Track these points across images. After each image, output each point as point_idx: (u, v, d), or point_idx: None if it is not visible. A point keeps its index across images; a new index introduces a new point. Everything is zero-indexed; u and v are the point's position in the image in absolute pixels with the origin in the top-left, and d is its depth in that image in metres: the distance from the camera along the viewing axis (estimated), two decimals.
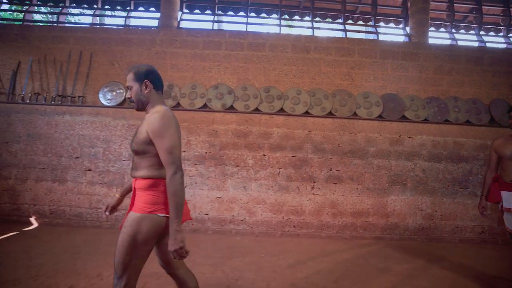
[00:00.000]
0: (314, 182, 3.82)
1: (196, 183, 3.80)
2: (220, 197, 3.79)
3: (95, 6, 4.58)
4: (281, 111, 3.86)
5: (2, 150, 3.92)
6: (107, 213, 1.76)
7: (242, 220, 3.79)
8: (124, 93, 3.89)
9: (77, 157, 3.87)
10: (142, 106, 1.53)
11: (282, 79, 3.96)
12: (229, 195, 3.79)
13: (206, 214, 3.79)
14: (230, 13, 4.82)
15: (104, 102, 3.90)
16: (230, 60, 3.95)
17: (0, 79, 3.98)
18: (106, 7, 4.68)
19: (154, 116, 1.41)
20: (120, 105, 3.89)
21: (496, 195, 2.38)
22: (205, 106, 3.86)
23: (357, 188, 3.85)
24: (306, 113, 3.85)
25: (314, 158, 3.83)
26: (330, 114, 3.87)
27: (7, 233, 3.47)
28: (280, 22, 4.53)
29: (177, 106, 3.85)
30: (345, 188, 3.84)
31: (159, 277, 2.39)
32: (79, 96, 3.87)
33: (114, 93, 3.92)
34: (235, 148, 3.81)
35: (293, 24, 4.78)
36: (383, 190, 3.86)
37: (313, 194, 3.81)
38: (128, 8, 4.55)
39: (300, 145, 3.84)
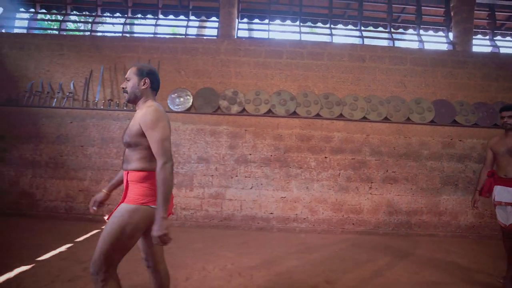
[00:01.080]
0: (372, 182, 4.07)
1: (261, 184, 4.05)
2: (284, 197, 4.04)
3: (156, 17, 4.82)
4: (340, 117, 4.11)
5: (78, 153, 4.17)
6: (94, 208, 1.79)
7: (304, 219, 4.04)
8: (191, 99, 4.15)
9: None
10: (134, 99, 1.62)
11: (340, 86, 4.21)
12: (293, 195, 4.04)
13: (271, 213, 4.04)
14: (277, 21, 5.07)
15: (172, 108, 4.15)
16: (291, 68, 4.20)
17: (74, 87, 4.23)
18: (168, 17, 4.93)
19: (146, 110, 1.48)
20: (188, 110, 4.14)
21: (488, 189, 2.56)
22: (269, 111, 4.11)
23: (411, 188, 4.10)
24: (364, 119, 4.11)
25: (372, 160, 4.08)
26: (386, 119, 4.12)
27: (90, 232, 3.73)
28: (331, 32, 4.77)
29: (242, 112, 4.11)
30: (400, 188, 4.09)
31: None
32: None
33: (181, 99, 4.17)
34: (299, 151, 4.06)
35: (338, 33, 4.99)
36: (435, 190, 4.11)
37: (370, 194, 4.06)
38: (187, 18, 4.79)
39: (359, 148, 4.09)
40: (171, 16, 4.93)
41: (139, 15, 4.86)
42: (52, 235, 3.52)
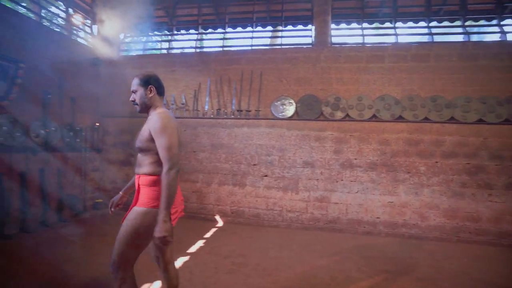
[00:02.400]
0: (492, 189, 3.82)
1: (367, 188, 4.07)
2: (392, 202, 4.00)
3: (250, 28, 5.16)
4: (452, 119, 3.94)
5: (191, 158, 4.66)
6: (112, 209, 1.85)
7: (414, 224, 3.95)
8: (294, 107, 4.34)
9: (255, 164, 4.42)
10: (145, 109, 1.66)
11: (449, 87, 4.03)
12: (400, 200, 3.98)
13: (378, 218, 4.03)
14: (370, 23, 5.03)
15: (276, 115, 4.39)
16: (393, 72, 4.16)
17: (185, 99, 4.73)
18: (262, 28, 5.25)
19: (156, 117, 1.53)
20: (291, 117, 4.35)
21: None
22: (373, 116, 4.12)
23: None
24: (480, 121, 3.87)
25: (491, 165, 3.83)
26: (507, 121, 3.83)
27: (210, 229, 4.13)
28: (430, 30, 4.60)
29: (345, 117, 4.18)
30: None
31: None
32: (256, 110, 4.42)
33: (285, 107, 4.39)
34: (407, 155, 3.99)
35: (438, 31, 4.77)
36: None
37: (490, 201, 3.81)
38: (280, 28, 5.04)
39: (474, 152, 3.88)
40: (256, 28, 5.23)
41: (238, 28, 5.23)
42: (182, 230, 3.98)
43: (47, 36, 4.08)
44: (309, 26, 4.90)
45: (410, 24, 4.90)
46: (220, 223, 4.44)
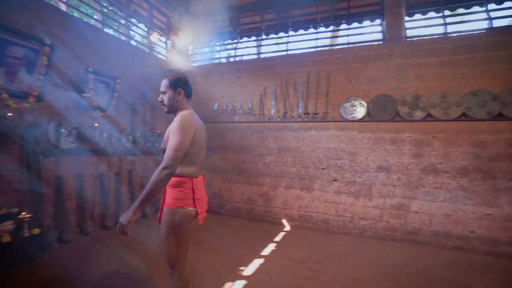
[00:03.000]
0: None
1: (457, 197, 3.58)
2: (491, 214, 3.43)
3: (313, 30, 5.07)
4: None
5: (257, 161, 4.75)
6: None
7: None
8: (365, 108, 4.09)
9: (323, 168, 4.29)
10: (173, 110, 1.67)
11: None
12: (503, 213, 3.39)
13: (472, 232, 3.50)
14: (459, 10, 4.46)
15: (346, 117, 4.20)
16: (489, 62, 3.59)
17: (251, 104, 4.86)
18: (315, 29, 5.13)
19: (177, 118, 1.57)
20: (362, 119, 4.10)
21: None
22: (462, 115, 3.62)
23: None
24: None
25: None
26: None
27: (279, 233, 4.12)
28: None
29: (427, 117, 3.76)
30: None
31: None
32: (323, 112, 4.30)
33: (355, 108, 4.17)
34: (510, 159, 3.40)
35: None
36: None
37: None
38: (346, 26, 4.83)
39: None
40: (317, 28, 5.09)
41: (300, 31, 5.20)
42: (252, 232, 4.07)
43: (134, 54, 4.65)
44: (378, 21, 4.58)
45: (508, 4, 4.19)
46: (287, 227, 4.41)
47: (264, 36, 5.47)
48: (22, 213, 2.82)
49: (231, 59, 5.49)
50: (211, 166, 5.13)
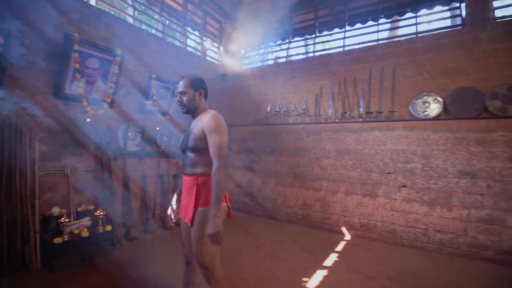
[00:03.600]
0: None
1: None
2: None
3: (377, 22, 4.66)
4: None
5: (314, 164, 4.50)
6: (173, 220, 1.90)
7: None
8: (441, 104, 3.56)
9: (389, 173, 3.85)
10: (192, 110, 1.68)
11: None
12: None
13: None
14: None
15: (416, 115, 3.71)
16: None
17: (306, 104, 4.63)
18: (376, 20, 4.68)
19: (208, 116, 1.59)
20: (437, 117, 3.58)
21: None
22: None
23: None
24: None
25: None
26: None
27: (339, 242, 3.80)
28: None
29: None
30: None
31: None
32: (389, 111, 3.88)
33: (428, 105, 3.67)
34: None
35: None
36: None
37: None
38: (414, 15, 4.32)
39: None
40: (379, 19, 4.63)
41: (357, 25, 4.84)
42: (310, 240, 3.83)
43: (189, 59, 4.81)
44: (454, 5, 3.98)
45: None
46: (348, 236, 4.06)
47: (317, 34, 5.22)
48: (98, 211, 3.04)
49: (284, 59, 5.35)
50: (265, 169, 5.03)
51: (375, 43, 4.32)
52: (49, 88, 2.95)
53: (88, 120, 3.17)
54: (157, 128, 4.07)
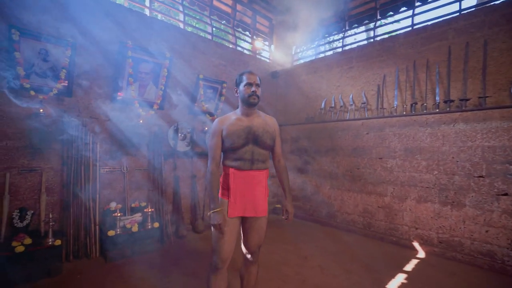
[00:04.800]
0: None
1: None
2: None
3: None
4: None
5: (376, 165, 3.87)
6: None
7: None
8: None
9: (481, 176, 2.99)
10: (256, 105, 1.76)
11: None
12: None
13: None
14: None
15: None
16: None
17: (366, 97, 4.03)
18: None
19: (273, 120, 1.87)
20: None
21: None
22: None
23: None
24: None
25: None
26: None
27: (409, 260, 3.11)
28: None
29: None
30: None
31: None
32: (478, 97, 3.02)
33: None
34: None
35: None
36: None
37: None
38: None
39: None
40: None
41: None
42: (370, 254, 3.25)
43: (239, 58, 4.75)
44: None
45: None
46: (421, 253, 3.31)
47: (379, 17, 4.54)
48: (148, 208, 3.17)
49: (340, 50, 4.83)
50: (319, 170, 4.59)
51: (457, 14, 3.46)
52: (108, 93, 3.23)
53: (141, 121, 3.37)
54: (206, 128, 4.10)
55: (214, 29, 4.69)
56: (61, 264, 2.61)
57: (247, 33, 5.39)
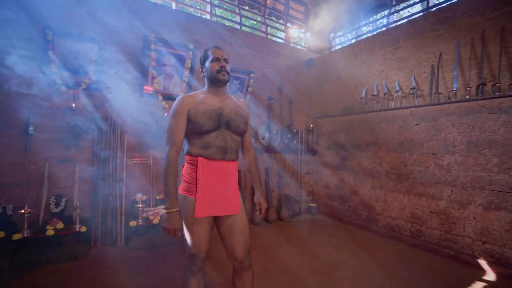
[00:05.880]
0: None
1: None
2: None
3: None
4: None
5: (429, 162, 3.22)
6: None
7: None
8: None
9: None
10: (225, 84, 1.52)
11: None
12: None
13: None
14: None
15: None
16: None
17: (416, 81, 3.38)
18: None
19: (243, 102, 1.67)
20: None
21: None
22: None
23: None
24: None
25: None
26: None
27: (472, 283, 2.47)
28: None
29: None
30: None
31: None
32: None
33: None
34: None
35: None
36: None
37: None
38: None
39: None
40: None
41: None
42: (418, 268, 2.68)
43: (268, 47, 4.48)
44: None
45: None
46: (490, 275, 2.61)
47: None
48: None
49: (384, 29, 4.19)
50: (358, 167, 4.06)
51: None
52: (135, 86, 3.31)
53: (165, 114, 3.37)
54: None
55: (243, 18, 4.50)
56: (88, 249, 2.74)
57: (281, 21, 5.07)
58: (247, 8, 4.68)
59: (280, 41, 4.96)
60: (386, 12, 4.32)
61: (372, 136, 3.89)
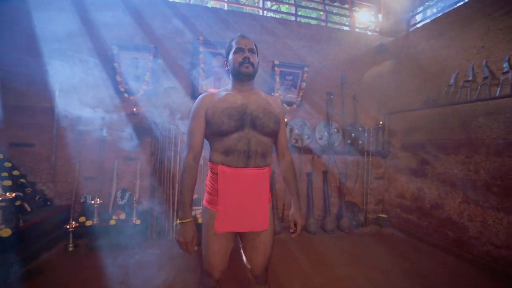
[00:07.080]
0: None
1: None
2: None
3: None
4: None
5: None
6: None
7: None
8: None
9: None
10: (253, 78, 1.33)
11: None
12: None
13: None
14: None
15: None
16: None
17: (487, 69, 2.38)
18: None
19: (275, 99, 1.44)
20: None
21: None
22: None
23: None
24: None
25: None
26: None
27: None
28: None
29: None
30: None
31: None
32: None
33: None
34: None
35: None
36: None
37: None
38: None
39: None
40: None
41: None
42: None
43: (329, 36, 4.00)
44: None
45: None
46: None
47: None
48: None
49: None
50: (443, 174, 3.20)
51: None
52: (187, 89, 3.46)
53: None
54: (285, 120, 3.70)
55: (298, 8, 4.17)
56: (145, 240, 3.00)
57: (346, 6, 4.48)
58: None
59: (345, 28, 4.39)
60: None
61: (463, 134, 2.98)
